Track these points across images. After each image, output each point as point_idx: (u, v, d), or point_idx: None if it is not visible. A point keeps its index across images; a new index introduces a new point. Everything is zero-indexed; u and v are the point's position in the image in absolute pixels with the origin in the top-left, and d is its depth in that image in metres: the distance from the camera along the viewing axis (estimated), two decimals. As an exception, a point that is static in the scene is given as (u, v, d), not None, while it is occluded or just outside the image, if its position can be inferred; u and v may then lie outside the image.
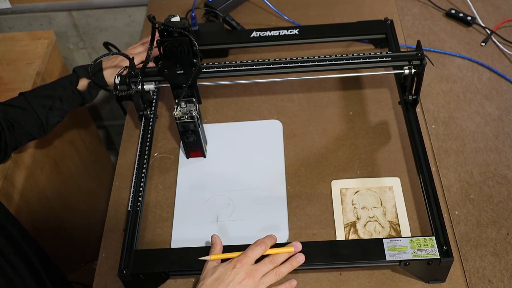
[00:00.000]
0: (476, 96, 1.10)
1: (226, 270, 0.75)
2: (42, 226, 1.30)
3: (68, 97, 0.99)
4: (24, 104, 0.96)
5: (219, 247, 0.81)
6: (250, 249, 0.78)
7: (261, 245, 0.78)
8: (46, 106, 0.96)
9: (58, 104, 0.98)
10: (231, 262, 0.76)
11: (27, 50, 1.31)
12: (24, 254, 0.92)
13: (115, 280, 0.87)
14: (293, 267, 0.78)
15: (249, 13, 1.32)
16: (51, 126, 0.99)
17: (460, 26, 1.25)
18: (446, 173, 0.98)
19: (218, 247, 0.81)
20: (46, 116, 0.97)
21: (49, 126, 0.98)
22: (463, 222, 0.91)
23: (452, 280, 0.84)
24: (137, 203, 0.90)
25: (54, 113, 0.98)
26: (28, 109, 0.95)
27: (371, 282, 0.85)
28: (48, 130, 0.99)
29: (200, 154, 1.03)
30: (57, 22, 1.58)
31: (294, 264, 0.78)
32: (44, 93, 0.98)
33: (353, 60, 0.96)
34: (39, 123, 0.96)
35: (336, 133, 1.06)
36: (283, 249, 0.79)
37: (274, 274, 0.77)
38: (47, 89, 0.99)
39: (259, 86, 1.16)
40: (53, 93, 0.98)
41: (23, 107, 0.95)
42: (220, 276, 0.75)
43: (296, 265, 0.79)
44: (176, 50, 0.89)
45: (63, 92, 0.98)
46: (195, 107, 0.95)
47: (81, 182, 1.54)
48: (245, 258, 0.76)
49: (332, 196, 0.96)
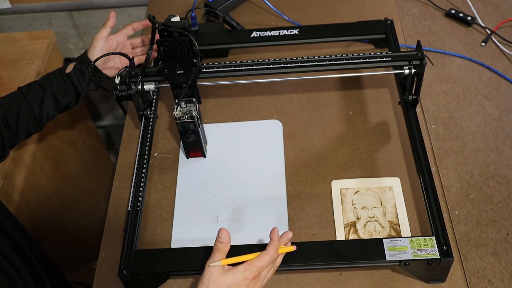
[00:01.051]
0: (476, 96, 1.10)
1: (239, 282, 0.72)
2: (42, 226, 1.30)
3: (58, 84, 0.97)
4: (17, 97, 0.96)
5: (227, 248, 0.75)
6: (265, 267, 0.75)
7: (272, 264, 0.76)
8: (39, 97, 0.96)
9: (50, 93, 0.97)
10: (243, 274, 0.73)
11: (27, 50, 1.31)
12: (24, 254, 0.92)
13: (115, 280, 0.87)
14: (285, 248, 0.79)
15: (249, 13, 1.32)
16: (46, 119, 0.98)
17: (460, 26, 1.25)
18: (446, 173, 0.98)
19: (226, 248, 0.75)
20: (39, 108, 0.96)
21: (43, 119, 0.97)
22: (463, 222, 0.91)
23: (452, 280, 0.84)
24: (137, 203, 0.90)
25: (48, 104, 0.97)
26: (21, 102, 0.95)
27: (371, 282, 0.85)
28: (42, 123, 0.98)
29: (200, 154, 1.03)
30: (57, 22, 1.58)
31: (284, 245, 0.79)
32: (36, 84, 0.98)
33: (353, 60, 0.96)
34: (33, 115, 0.96)
35: (336, 133, 1.06)
36: (285, 248, 0.78)
37: (272, 266, 0.77)
38: (40, 80, 0.99)
39: (259, 86, 1.16)
40: (44, 83, 0.98)
41: (16, 100, 0.95)
42: (231, 286, 0.72)
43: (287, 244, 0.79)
44: (176, 50, 0.89)
45: (53, 78, 0.98)
46: (195, 107, 0.95)
47: (81, 182, 1.54)
48: (257, 274, 0.74)
49: (332, 196, 0.96)
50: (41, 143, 1.30)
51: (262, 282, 0.75)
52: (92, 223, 1.56)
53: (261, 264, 0.74)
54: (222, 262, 0.73)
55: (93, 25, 1.59)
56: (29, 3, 1.52)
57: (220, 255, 0.74)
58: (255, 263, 0.74)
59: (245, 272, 0.73)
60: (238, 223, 0.93)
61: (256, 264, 0.74)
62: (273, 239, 0.76)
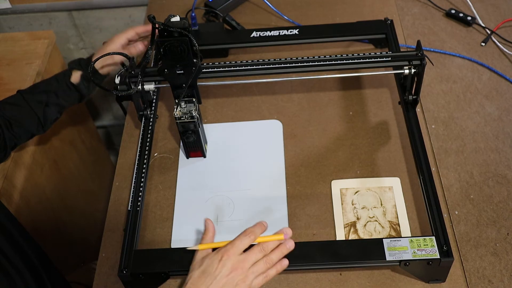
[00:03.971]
0: (476, 96, 1.10)
1: (213, 262, 0.73)
2: (42, 226, 1.30)
3: (63, 91, 0.98)
4: (20, 101, 0.96)
5: (211, 233, 0.79)
6: (238, 239, 0.76)
7: (250, 235, 0.76)
8: (42, 102, 0.96)
9: (53, 99, 0.97)
10: (218, 253, 0.74)
11: (27, 50, 1.31)
12: (24, 254, 0.92)
13: (115, 280, 0.87)
14: (283, 253, 0.77)
15: (249, 13, 1.32)
16: (50, 122, 0.99)
17: (460, 26, 1.25)
18: (446, 173, 0.98)
19: (210, 234, 0.79)
20: (43, 112, 0.96)
21: (47, 122, 0.98)
22: (463, 222, 0.91)
23: (452, 280, 0.84)
24: (137, 203, 0.90)
25: (51, 108, 0.97)
26: (24, 106, 0.95)
27: (371, 282, 0.85)
28: (46, 126, 0.99)
29: (200, 154, 1.03)
30: (57, 22, 1.58)
31: (284, 251, 0.77)
32: (39, 89, 0.98)
33: (353, 60, 0.96)
34: (37, 119, 0.96)
35: (336, 133, 1.06)
36: (272, 236, 0.77)
37: (264, 262, 0.75)
38: (42, 85, 0.99)
39: (259, 86, 1.16)
40: (48, 88, 0.98)
41: (20, 104, 0.95)
42: (206, 268, 0.73)
43: (286, 252, 0.77)
44: (176, 50, 0.89)
45: (57, 85, 0.98)
46: (195, 107, 0.95)
47: (81, 182, 1.54)
48: (232, 249, 0.74)
49: (332, 196, 0.96)
50: (41, 143, 1.30)
51: (251, 281, 0.74)
52: (92, 223, 1.56)
53: (236, 242, 0.74)
54: (199, 246, 0.77)
55: (93, 25, 1.59)
56: (29, 3, 1.52)
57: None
58: (231, 243, 0.75)
59: (217, 253, 0.74)
60: (238, 223, 0.93)
61: (232, 243, 0.75)
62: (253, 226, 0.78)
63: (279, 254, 0.77)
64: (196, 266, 0.75)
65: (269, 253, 0.77)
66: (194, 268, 0.75)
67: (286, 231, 0.78)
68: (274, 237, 0.78)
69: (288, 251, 0.77)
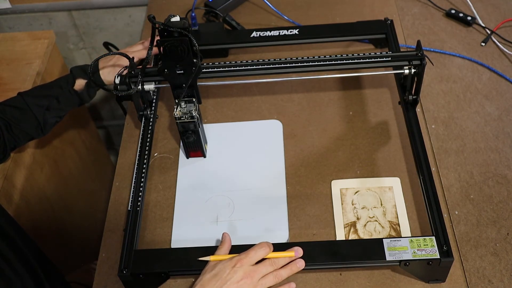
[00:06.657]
0: (476, 96, 1.10)
1: (226, 267, 0.75)
2: (42, 226, 1.30)
3: (65, 97, 0.99)
4: (21, 104, 0.96)
5: (227, 245, 0.81)
6: (253, 250, 0.78)
7: (265, 248, 0.79)
8: (43, 106, 0.96)
9: (55, 104, 0.98)
10: (231, 260, 0.77)
11: (27, 50, 1.31)
12: (23, 255, 0.92)
13: (115, 280, 0.87)
14: (293, 271, 0.79)
15: (249, 13, 1.32)
16: (49, 126, 0.99)
17: (460, 26, 1.25)
18: (446, 173, 0.98)
19: (226, 246, 0.81)
20: (43, 116, 0.96)
21: (47, 126, 0.98)
22: (463, 222, 0.91)
23: (452, 280, 0.84)
24: (137, 203, 0.90)
25: (52, 113, 0.98)
26: (25, 109, 0.95)
27: (371, 282, 0.85)
28: (46, 130, 0.99)
29: (200, 154, 1.03)
30: (57, 22, 1.58)
31: (294, 269, 0.79)
32: (41, 93, 0.98)
33: (353, 60, 0.96)
34: (37, 123, 0.96)
35: (336, 133, 1.06)
36: (284, 253, 0.80)
37: (274, 277, 0.77)
38: (44, 89, 0.99)
39: (259, 86, 1.16)
40: (49, 93, 0.98)
41: (20, 107, 0.95)
42: (218, 273, 0.75)
43: (296, 270, 0.79)
44: (176, 50, 0.89)
45: (60, 92, 0.98)
46: (195, 107, 0.95)
47: (81, 182, 1.54)
48: (246, 258, 0.77)
49: (332, 196, 0.96)
50: (41, 143, 1.30)
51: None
52: (92, 223, 1.56)
53: (250, 253, 0.77)
54: (210, 258, 0.79)
55: (93, 25, 1.59)
56: (29, 3, 1.52)
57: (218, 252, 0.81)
58: (246, 253, 0.77)
59: (232, 260, 0.77)
60: (238, 223, 0.93)
61: (247, 253, 0.77)
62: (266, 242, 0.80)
63: (288, 272, 0.79)
64: (209, 270, 0.77)
65: (279, 268, 0.78)
66: (206, 272, 0.77)
67: (297, 250, 0.80)
68: (286, 253, 0.80)
69: (298, 270, 0.79)
